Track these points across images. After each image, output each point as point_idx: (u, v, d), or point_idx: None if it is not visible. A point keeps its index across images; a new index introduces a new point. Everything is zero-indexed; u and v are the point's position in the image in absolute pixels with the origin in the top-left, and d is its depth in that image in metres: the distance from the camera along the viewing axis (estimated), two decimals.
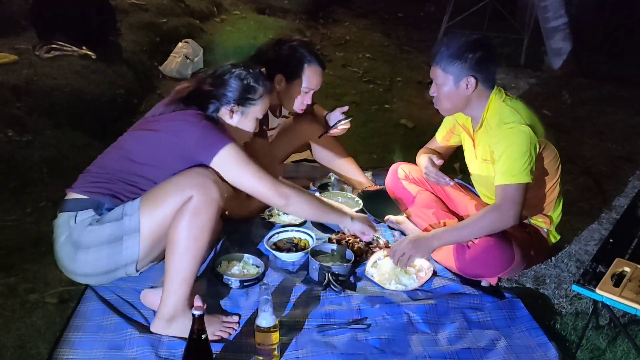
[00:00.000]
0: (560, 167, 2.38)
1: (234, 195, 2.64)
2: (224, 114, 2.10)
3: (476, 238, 2.26)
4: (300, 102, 2.62)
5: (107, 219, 1.99)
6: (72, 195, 2.06)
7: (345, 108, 2.83)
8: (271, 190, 2.04)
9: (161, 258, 2.10)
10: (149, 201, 1.97)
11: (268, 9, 6.63)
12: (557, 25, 5.70)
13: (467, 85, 2.19)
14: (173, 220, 1.92)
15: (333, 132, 2.84)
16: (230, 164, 1.98)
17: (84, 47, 3.87)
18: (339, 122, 2.80)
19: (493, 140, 2.21)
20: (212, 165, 1.98)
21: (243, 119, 2.14)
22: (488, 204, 2.49)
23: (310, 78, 2.57)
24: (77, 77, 3.60)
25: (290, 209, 2.20)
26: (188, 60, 4.55)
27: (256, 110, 2.15)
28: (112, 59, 4.01)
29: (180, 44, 4.68)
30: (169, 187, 1.95)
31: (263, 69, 2.24)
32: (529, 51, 5.79)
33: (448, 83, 2.21)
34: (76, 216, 2.01)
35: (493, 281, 2.33)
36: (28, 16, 4.12)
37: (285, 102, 2.65)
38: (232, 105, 2.09)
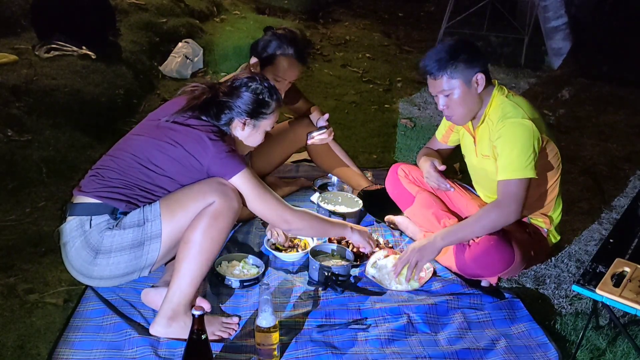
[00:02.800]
0: (561, 165, 2.38)
1: None
2: (236, 125, 2.12)
3: (478, 237, 2.25)
4: None
5: (127, 224, 1.99)
6: (84, 199, 2.04)
7: (326, 116, 2.80)
8: (276, 217, 2.13)
9: (166, 260, 2.12)
10: (171, 206, 1.98)
11: (268, 9, 6.63)
12: (557, 25, 5.70)
13: (477, 82, 2.19)
14: (192, 221, 1.95)
15: (310, 142, 2.81)
16: (242, 188, 2.03)
17: (83, 47, 3.87)
18: (316, 132, 2.77)
19: (495, 135, 2.20)
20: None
21: (254, 132, 2.16)
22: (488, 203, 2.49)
23: (283, 67, 2.55)
24: (77, 77, 3.60)
25: (293, 232, 2.31)
26: (188, 60, 4.54)
27: (267, 123, 2.17)
28: (111, 59, 4.00)
29: (180, 44, 4.68)
30: (191, 193, 1.98)
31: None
32: (529, 51, 5.79)
33: (458, 87, 2.19)
34: (91, 220, 2.01)
35: (493, 281, 2.33)
36: (28, 16, 4.11)
37: None
38: (246, 118, 2.11)
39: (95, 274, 2.05)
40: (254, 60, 2.58)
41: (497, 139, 2.19)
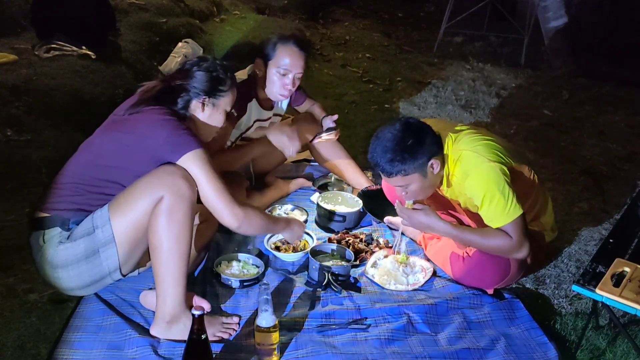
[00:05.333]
0: (536, 177, 2.29)
1: (236, 196, 2.65)
2: (196, 107, 2.08)
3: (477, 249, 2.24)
4: (281, 86, 2.60)
5: (78, 234, 1.95)
6: (38, 214, 2.01)
7: (335, 117, 2.83)
8: (227, 208, 1.96)
9: (136, 259, 2.07)
10: (119, 207, 1.92)
11: (268, 9, 6.62)
12: (557, 25, 5.70)
13: (432, 167, 2.12)
14: (150, 224, 1.89)
15: (317, 141, 2.84)
16: (194, 169, 1.92)
17: (83, 47, 3.86)
18: (324, 132, 2.81)
19: (468, 192, 2.14)
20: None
21: (214, 112, 2.11)
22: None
23: (284, 57, 2.55)
24: (77, 77, 3.59)
25: (240, 231, 2.06)
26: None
27: (226, 101, 2.12)
28: (111, 59, 4.00)
29: (180, 44, 4.68)
30: (138, 190, 1.91)
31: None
32: (529, 51, 5.79)
33: (415, 180, 2.12)
34: (44, 235, 1.98)
35: (490, 291, 2.30)
36: (28, 16, 4.11)
37: (268, 88, 2.63)
38: (204, 97, 2.07)
39: (64, 286, 2.03)
40: (257, 60, 2.60)
41: (472, 194, 2.13)
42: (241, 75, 2.66)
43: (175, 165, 1.92)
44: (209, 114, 2.11)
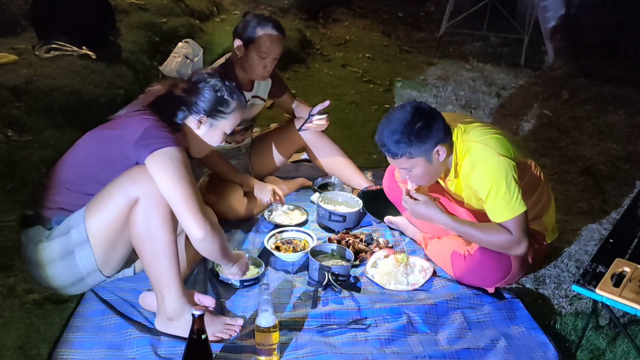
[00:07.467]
0: (541, 174, 2.30)
1: (234, 196, 2.65)
2: (192, 122, 2.03)
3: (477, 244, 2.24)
4: (261, 68, 2.63)
5: (54, 234, 1.95)
6: (26, 212, 2.03)
7: (326, 103, 2.79)
8: (192, 217, 1.83)
9: (121, 259, 2.05)
10: (93, 207, 1.91)
11: (268, 9, 6.62)
12: (557, 25, 5.71)
13: (438, 154, 2.12)
14: (129, 230, 1.87)
15: (307, 126, 2.83)
16: (163, 167, 1.83)
17: (83, 47, 3.86)
18: (313, 116, 2.79)
19: (474, 184, 2.14)
20: (145, 162, 1.84)
21: (210, 131, 2.06)
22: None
23: (264, 41, 2.58)
24: (77, 77, 3.59)
25: (202, 245, 1.89)
26: (188, 60, 4.54)
27: (225, 124, 2.07)
28: (111, 59, 4.00)
29: (180, 44, 4.68)
30: (111, 189, 1.88)
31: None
32: (529, 51, 5.80)
33: (420, 164, 2.12)
34: (27, 234, 1.99)
35: (490, 290, 2.30)
36: (28, 16, 4.11)
37: (248, 69, 2.65)
38: (202, 115, 2.02)
39: (46, 285, 2.04)
40: (237, 42, 2.62)
41: (477, 186, 2.13)
42: (221, 60, 2.72)
43: None
44: (204, 132, 2.06)
